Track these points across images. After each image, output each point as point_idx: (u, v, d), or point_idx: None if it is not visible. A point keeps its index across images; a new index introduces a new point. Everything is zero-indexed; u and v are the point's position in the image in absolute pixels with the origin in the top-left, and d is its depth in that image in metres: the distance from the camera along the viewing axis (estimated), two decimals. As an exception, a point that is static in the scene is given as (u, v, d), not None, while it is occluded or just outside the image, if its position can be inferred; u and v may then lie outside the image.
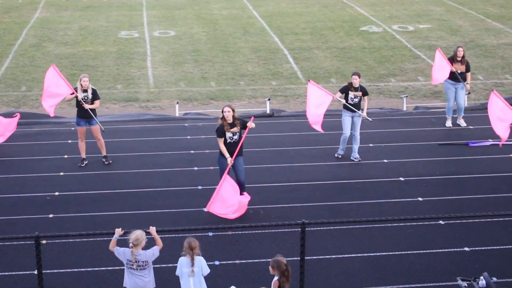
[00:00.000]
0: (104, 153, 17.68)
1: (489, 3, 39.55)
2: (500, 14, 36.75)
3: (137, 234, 10.51)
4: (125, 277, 10.75)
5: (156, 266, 11.07)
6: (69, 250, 13.26)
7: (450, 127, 20.42)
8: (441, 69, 20.11)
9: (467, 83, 20.27)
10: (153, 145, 19.17)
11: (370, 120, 18.20)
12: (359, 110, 17.61)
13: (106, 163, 17.59)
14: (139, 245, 10.50)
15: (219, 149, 14.83)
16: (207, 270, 10.65)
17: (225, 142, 14.70)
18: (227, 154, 14.61)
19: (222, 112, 14.74)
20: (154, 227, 10.74)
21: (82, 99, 16.99)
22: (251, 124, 14.64)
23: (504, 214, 13.58)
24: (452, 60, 20.10)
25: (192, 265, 10.55)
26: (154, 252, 10.66)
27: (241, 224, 11.57)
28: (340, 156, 18.00)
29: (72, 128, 20.34)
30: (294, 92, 24.52)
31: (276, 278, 10.23)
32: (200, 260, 10.62)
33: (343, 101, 17.54)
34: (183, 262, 10.59)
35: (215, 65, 27.51)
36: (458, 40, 30.52)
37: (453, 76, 20.07)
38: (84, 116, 17.17)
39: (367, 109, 18.23)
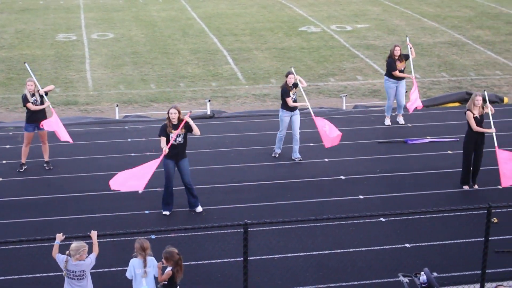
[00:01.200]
0: (46, 158, 17.46)
1: (425, 2, 40.15)
2: (436, 13, 37.34)
3: (78, 245, 10.38)
4: (65, 285, 10.62)
5: (98, 270, 10.97)
6: (9, 257, 13.04)
7: (389, 125, 20.68)
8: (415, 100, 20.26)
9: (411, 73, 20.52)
10: (93, 148, 18.99)
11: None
12: (296, 108, 17.75)
13: (47, 168, 17.38)
14: (75, 256, 10.37)
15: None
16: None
17: (168, 143, 14.63)
18: (163, 144, 14.53)
19: (168, 113, 14.66)
20: (96, 232, 10.63)
21: (32, 102, 16.84)
22: (187, 118, 14.53)
23: (443, 210, 13.83)
24: (393, 61, 20.31)
25: (145, 266, 10.50)
26: (92, 261, 10.54)
27: (183, 226, 11.54)
28: (277, 155, 18.05)
29: (11, 133, 20.05)
30: (234, 93, 24.55)
31: (169, 268, 10.30)
32: (152, 260, 10.59)
33: (307, 104, 17.66)
34: (135, 264, 10.54)
35: (155, 67, 27.38)
36: (395, 39, 30.91)
37: (393, 76, 20.31)
38: (34, 120, 16.96)
39: (309, 107, 18.31)
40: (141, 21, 35.39)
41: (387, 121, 20.78)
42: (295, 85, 17.69)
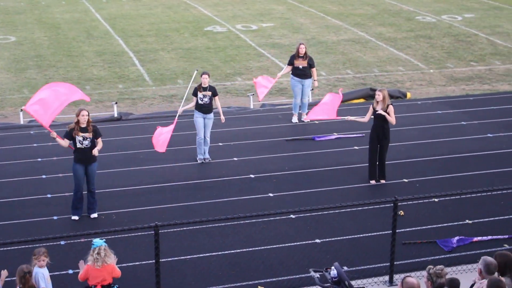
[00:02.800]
0: None
1: (328, 1, 40.71)
2: (339, 11, 37.92)
3: None
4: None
5: (7, 280, 10.74)
6: None
7: (296, 122, 20.90)
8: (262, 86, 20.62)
9: (315, 80, 20.85)
10: (-3, 155, 18.58)
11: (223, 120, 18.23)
12: (210, 111, 17.72)
13: None
14: None
15: (73, 155, 14.53)
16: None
17: (76, 147, 14.42)
18: (64, 143, 14.43)
19: (78, 115, 14.42)
20: (6, 272, 10.44)
21: None
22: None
23: (351, 205, 14.08)
24: (294, 57, 20.60)
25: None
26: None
27: (93, 231, 11.40)
28: (204, 161, 17.92)
29: None
30: (142, 94, 24.38)
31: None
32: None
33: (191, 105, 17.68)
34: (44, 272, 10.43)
35: (59, 70, 26.94)
36: (300, 38, 31.25)
37: (298, 73, 20.55)
38: None
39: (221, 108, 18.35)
40: (44, 23, 34.75)
41: (294, 119, 21.00)
42: (212, 88, 17.69)
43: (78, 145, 14.40)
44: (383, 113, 16.02)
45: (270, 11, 37.90)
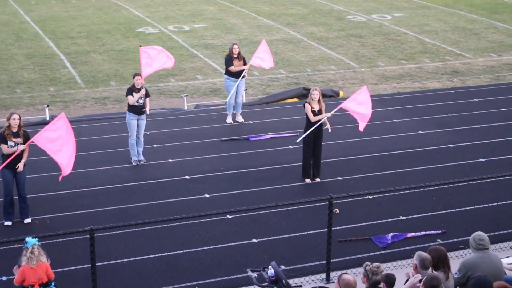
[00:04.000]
0: None
1: (259, 1, 40.84)
2: (270, 11, 38.07)
3: None
4: None
5: None
6: None
7: (231, 123, 20.91)
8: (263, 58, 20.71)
9: (245, 72, 20.75)
10: None
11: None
12: (143, 112, 17.59)
13: None
14: None
15: (2, 160, 14.29)
16: None
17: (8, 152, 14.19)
18: (6, 150, 14.20)
19: (8, 119, 14.18)
20: None
21: None
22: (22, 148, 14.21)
23: (287, 204, 14.15)
24: (231, 59, 20.57)
25: None
26: None
27: (27, 236, 11.22)
28: (139, 163, 17.75)
29: None
30: (74, 97, 24.08)
31: None
32: None
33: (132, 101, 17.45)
34: None
35: (-12, 73, 26.45)
36: (233, 38, 31.28)
37: (232, 73, 20.56)
38: None
39: (149, 109, 18.24)
40: (-29, 26, 34.08)
41: (229, 119, 21.00)
42: (139, 89, 17.55)
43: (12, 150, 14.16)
44: (328, 115, 16.25)
45: (202, 12, 37.85)
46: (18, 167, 14.20)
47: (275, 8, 39.03)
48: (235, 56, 20.52)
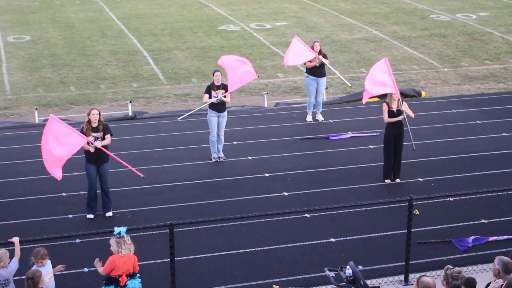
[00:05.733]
0: None
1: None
2: (353, 10, 37.83)
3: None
4: (-11, 293, 10.50)
5: (22, 278, 10.78)
6: None
7: (311, 121, 20.86)
8: (298, 54, 20.38)
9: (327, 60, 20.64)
10: (12, 153, 18.63)
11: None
12: (224, 109, 17.70)
13: None
14: (0, 264, 10.21)
15: (85, 154, 14.58)
16: None
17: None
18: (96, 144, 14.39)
19: (88, 114, 14.46)
20: (18, 238, 10.49)
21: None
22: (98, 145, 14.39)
23: (366, 204, 14.04)
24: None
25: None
26: (14, 266, 10.38)
27: (108, 229, 11.41)
28: (218, 160, 17.89)
29: None
30: (156, 93, 24.41)
31: None
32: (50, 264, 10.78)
33: (213, 100, 17.53)
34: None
35: (74, 69, 27.01)
36: (314, 36, 31.20)
37: (313, 72, 20.49)
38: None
39: (230, 106, 18.35)
40: (58, 23, 34.84)
41: (309, 118, 20.95)
42: (225, 86, 17.65)
43: (90, 147, 14.41)
44: (405, 108, 16.03)
45: (283, 10, 37.85)
46: (94, 144, 14.34)
47: (357, 6, 38.76)
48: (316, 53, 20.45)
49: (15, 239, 10.44)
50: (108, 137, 14.51)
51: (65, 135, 13.75)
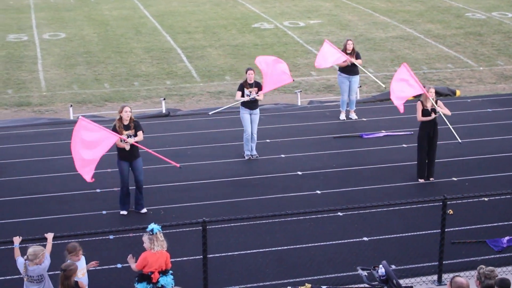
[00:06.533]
0: None
1: (376, -3, 40.49)
2: (387, 8, 37.62)
3: (36, 250, 10.34)
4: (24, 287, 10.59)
5: (56, 272, 10.87)
6: (-36, 261, 12.87)
7: (344, 120, 20.79)
8: (329, 56, 20.29)
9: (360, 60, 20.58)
10: (47, 149, 18.80)
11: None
12: (256, 106, 17.70)
13: None
14: (34, 260, 10.30)
15: (117, 151, 14.67)
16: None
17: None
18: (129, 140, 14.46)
19: (120, 112, 14.54)
20: (52, 234, 10.58)
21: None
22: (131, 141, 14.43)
23: (399, 203, 13.94)
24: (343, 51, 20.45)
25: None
26: (46, 262, 10.46)
27: (141, 226, 11.47)
28: (251, 157, 17.90)
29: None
30: (189, 91, 24.49)
31: None
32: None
33: (246, 98, 17.53)
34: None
35: (108, 66, 27.18)
36: (348, 34, 31.08)
37: (346, 70, 20.42)
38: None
39: (263, 104, 18.34)
40: (93, 20, 35.09)
41: (342, 116, 20.89)
42: (257, 84, 17.63)
43: (124, 144, 14.49)
44: (439, 109, 15.92)
45: (317, 8, 37.76)
46: (127, 141, 14.42)
47: (392, 4, 38.55)
48: (349, 52, 20.36)
49: (49, 235, 10.54)
50: (140, 133, 14.58)
51: (96, 134, 13.80)
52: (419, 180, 16.41)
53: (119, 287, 11.97)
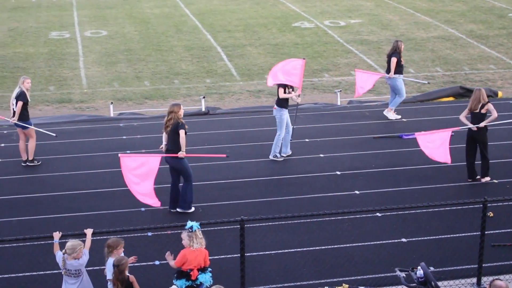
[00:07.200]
0: (31, 157, 17.44)
1: (418, -3, 40.20)
2: (429, 8, 37.34)
3: (74, 244, 10.43)
4: (63, 282, 10.69)
5: (95, 268, 10.98)
6: (5, 256, 13.03)
7: (400, 118, 20.64)
8: (366, 82, 20.49)
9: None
10: (87, 146, 18.96)
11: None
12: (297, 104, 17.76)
13: (36, 163, 17.35)
14: (72, 254, 10.40)
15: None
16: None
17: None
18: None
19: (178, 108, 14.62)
20: (91, 230, 10.67)
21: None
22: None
23: (439, 205, 13.85)
24: (397, 53, 20.26)
25: None
26: (85, 258, 10.55)
27: (180, 223, 11.51)
28: (284, 156, 17.90)
29: (5, 132, 20.02)
30: (229, 89, 24.53)
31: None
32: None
33: (295, 97, 17.51)
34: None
35: (149, 64, 27.34)
36: (389, 34, 30.92)
37: (401, 70, 20.45)
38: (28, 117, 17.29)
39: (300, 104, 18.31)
40: (134, 18, 35.32)
41: (392, 115, 20.75)
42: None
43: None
44: (483, 124, 15.87)
45: (358, 7, 37.61)
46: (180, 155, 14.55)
47: (434, 4, 38.25)
48: (402, 52, 20.42)
49: (88, 231, 10.62)
50: (182, 132, 14.65)
51: (140, 160, 14.12)
52: (469, 180, 16.28)
53: (157, 283, 12.03)
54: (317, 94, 24.02)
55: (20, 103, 16.99)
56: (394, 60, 20.35)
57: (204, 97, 22.16)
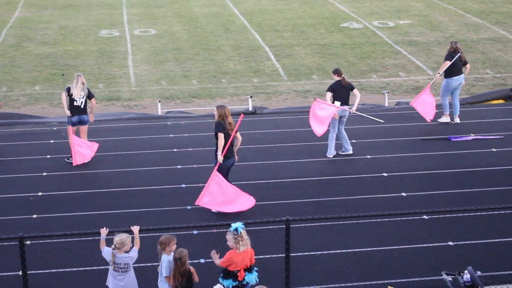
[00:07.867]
0: None
1: (468, -2, 39.79)
2: (479, 9, 36.93)
3: (122, 238, 10.51)
4: (108, 276, 10.79)
5: (141, 265, 11.06)
6: (53, 251, 13.19)
7: (456, 121, 20.42)
8: (427, 103, 20.18)
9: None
10: (135, 144, 19.12)
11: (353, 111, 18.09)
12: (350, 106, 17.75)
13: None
14: (121, 248, 10.49)
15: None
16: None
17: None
18: (221, 151, 14.59)
19: (223, 110, 14.71)
20: (138, 227, 10.73)
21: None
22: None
23: (487, 208, 13.65)
24: (455, 54, 19.94)
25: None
26: (134, 255, 10.64)
27: (225, 222, 11.54)
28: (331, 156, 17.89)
29: (55, 128, 20.26)
30: (276, 89, 24.53)
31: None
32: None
33: (339, 106, 17.49)
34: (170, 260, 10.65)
35: (197, 63, 27.47)
36: (439, 36, 30.65)
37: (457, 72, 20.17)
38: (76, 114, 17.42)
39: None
40: (183, 17, 35.52)
41: (446, 119, 20.50)
42: (351, 86, 17.64)
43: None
44: None
45: (408, 8, 37.34)
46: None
47: (485, 5, 37.81)
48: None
49: (135, 228, 10.68)
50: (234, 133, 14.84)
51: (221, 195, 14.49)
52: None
53: (202, 281, 12.06)
54: (365, 95, 23.89)
55: (94, 100, 17.56)
56: (446, 62, 20.05)
57: (251, 97, 22.19)
